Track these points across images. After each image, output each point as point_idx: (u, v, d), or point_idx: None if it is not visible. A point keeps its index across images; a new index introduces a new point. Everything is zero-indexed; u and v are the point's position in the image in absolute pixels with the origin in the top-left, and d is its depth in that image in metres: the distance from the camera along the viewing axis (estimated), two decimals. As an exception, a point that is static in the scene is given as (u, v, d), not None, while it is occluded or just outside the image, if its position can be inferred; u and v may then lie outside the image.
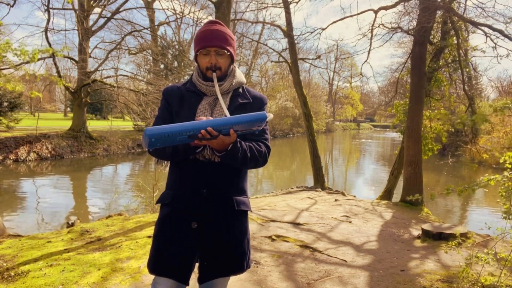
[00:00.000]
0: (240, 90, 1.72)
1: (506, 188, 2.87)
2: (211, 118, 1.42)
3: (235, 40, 1.73)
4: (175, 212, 1.62)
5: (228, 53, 1.65)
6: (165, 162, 1.79)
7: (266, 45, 23.06)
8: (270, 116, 1.49)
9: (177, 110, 1.66)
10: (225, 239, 1.63)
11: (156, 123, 1.63)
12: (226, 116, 1.52)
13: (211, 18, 22.02)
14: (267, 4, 11.56)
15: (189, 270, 1.61)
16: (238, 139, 1.49)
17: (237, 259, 1.67)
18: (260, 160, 1.61)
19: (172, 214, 1.63)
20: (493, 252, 3.03)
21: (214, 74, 1.61)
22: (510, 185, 2.90)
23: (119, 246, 3.99)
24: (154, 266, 1.62)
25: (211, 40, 1.61)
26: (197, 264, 1.68)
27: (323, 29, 10.56)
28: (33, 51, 5.10)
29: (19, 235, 4.76)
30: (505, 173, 2.94)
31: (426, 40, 8.33)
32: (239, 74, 1.74)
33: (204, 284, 1.68)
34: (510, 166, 2.93)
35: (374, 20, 9.63)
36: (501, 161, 3.00)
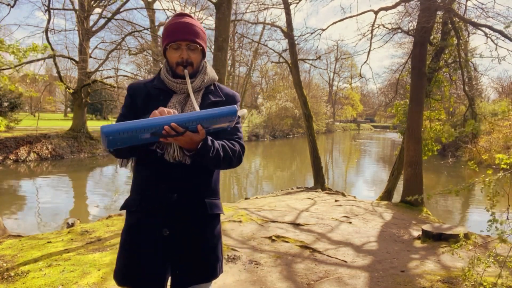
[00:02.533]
0: (212, 87, 1.61)
1: (493, 192, 2.86)
2: (172, 113, 1.30)
3: (206, 34, 1.62)
4: (144, 219, 1.49)
5: (201, 47, 1.55)
6: (130, 162, 1.65)
7: (266, 45, 23.09)
8: (243, 111, 1.40)
9: (142, 109, 1.51)
10: (199, 245, 1.53)
11: (119, 121, 1.48)
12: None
13: (211, 18, 22.06)
14: (268, 5, 11.57)
15: (163, 279, 1.50)
16: (209, 137, 1.37)
17: (211, 265, 1.56)
18: (234, 159, 1.50)
19: (141, 221, 1.50)
20: (494, 254, 3.02)
21: (186, 71, 1.50)
22: (507, 183, 2.90)
23: (119, 247, 3.98)
24: (124, 277, 1.50)
25: (182, 33, 1.50)
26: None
27: (323, 30, 10.57)
28: (26, 48, 5.08)
29: (19, 235, 4.76)
30: (499, 175, 2.95)
31: (426, 40, 8.33)
32: (211, 71, 1.63)
33: None
34: (505, 166, 2.94)
35: (374, 21, 9.64)
36: (496, 162, 3.01)
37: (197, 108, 1.44)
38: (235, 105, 1.34)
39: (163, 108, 1.33)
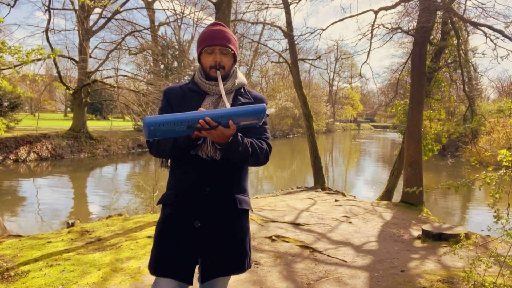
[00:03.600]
0: (242, 90, 1.74)
1: (496, 189, 2.86)
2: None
3: (236, 42, 1.74)
4: (178, 211, 1.61)
5: (232, 52, 1.67)
6: (169, 162, 1.79)
7: (266, 45, 23.14)
8: (271, 110, 1.49)
9: (178, 109, 1.59)
10: (228, 238, 1.62)
11: None
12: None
13: (211, 18, 22.05)
14: (268, 4, 11.57)
15: (193, 269, 1.60)
16: (239, 133, 1.48)
17: (239, 258, 1.66)
18: (261, 157, 1.60)
19: (175, 213, 1.61)
20: (495, 254, 3.02)
21: (218, 72, 1.62)
22: (508, 180, 2.90)
23: (119, 246, 3.99)
24: (157, 267, 1.60)
25: (216, 39, 1.63)
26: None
27: (323, 30, 10.56)
28: (28, 51, 5.08)
29: (19, 235, 4.77)
30: (500, 172, 2.94)
31: (426, 40, 8.33)
32: (241, 75, 1.75)
33: (205, 283, 1.67)
34: (507, 164, 2.93)
35: (374, 21, 9.63)
36: (498, 159, 3.00)
37: (228, 106, 1.53)
38: (264, 104, 1.43)
39: (201, 108, 1.46)
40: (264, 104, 1.42)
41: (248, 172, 1.79)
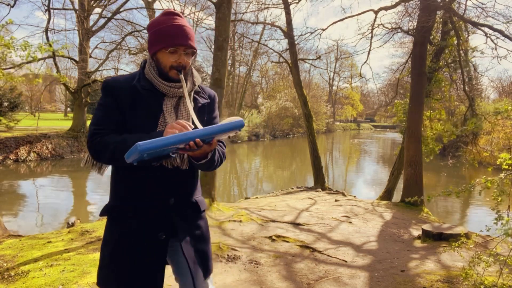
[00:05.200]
0: (198, 88, 1.62)
1: (498, 191, 2.86)
2: (189, 127, 1.34)
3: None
4: (138, 225, 1.45)
5: (196, 52, 1.54)
6: (100, 166, 1.66)
7: (266, 45, 23.12)
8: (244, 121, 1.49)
9: (131, 111, 1.46)
10: (195, 243, 1.57)
11: (105, 125, 1.45)
12: (192, 119, 1.44)
13: (211, 18, 22.04)
14: (268, 4, 11.57)
15: (161, 284, 1.50)
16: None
17: (208, 260, 1.63)
18: (223, 161, 1.58)
19: (135, 228, 1.46)
20: (495, 254, 3.02)
21: (181, 76, 1.46)
22: (508, 184, 2.90)
23: (119, 246, 3.98)
24: (121, 286, 1.46)
25: (181, 37, 1.45)
26: (169, 276, 1.62)
27: (323, 30, 10.56)
28: (39, 44, 5.13)
29: (19, 235, 4.77)
30: (501, 175, 2.94)
31: (426, 40, 8.33)
32: (196, 72, 1.62)
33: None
34: (507, 167, 2.93)
35: (374, 21, 9.63)
36: (498, 162, 3.01)
37: (192, 112, 1.44)
38: (242, 119, 1.36)
39: (180, 121, 1.34)
40: (242, 120, 1.35)
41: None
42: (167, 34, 1.45)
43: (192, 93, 1.57)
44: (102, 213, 1.56)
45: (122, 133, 1.44)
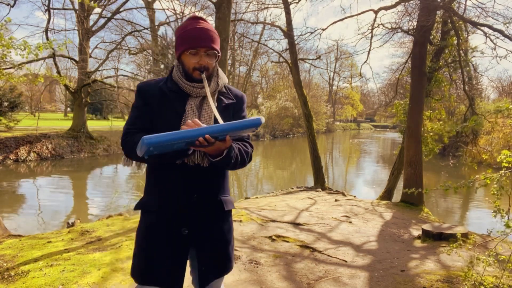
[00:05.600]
0: (224, 89, 1.68)
1: (498, 187, 2.87)
2: (202, 124, 1.38)
3: (219, 39, 1.66)
4: (163, 219, 1.55)
5: (218, 53, 1.61)
6: (139, 163, 1.75)
7: (266, 45, 23.14)
8: (263, 119, 1.48)
9: (158, 111, 1.57)
10: (219, 240, 1.63)
11: (134, 124, 1.57)
12: (216, 118, 1.48)
13: (211, 18, 22.04)
14: (268, 4, 11.57)
15: (182, 277, 1.58)
16: (232, 144, 1.47)
17: (229, 257, 1.68)
18: (247, 160, 1.61)
19: (160, 221, 1.56)
20: (494, 254, 3.02)
21: (203, 76, 1.53)
22: (507, 183, 2.91)
23: (119, 246, 3.99)
24: (145, 276, 1.56)
25: (201, 40, 1.53)
26: (188, 270, 1.67)
27: (323, 30, 10.56)
28: (37, 44, 5.13)
29: (19, 235, 4.77)
30: (501, 172, 2.95)
31: (426, 40, 8.33)
32: (222, 74, 1.69)
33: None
34: (507, 165, 2.94)
35: (374, 20, 9.62)
36: (498, 160, 3.01)
37: (216, 112, 1.49)
38: (260, 117, 1.39)
39: (196, 120, 1.40)
40: (261, 118, 1.38)
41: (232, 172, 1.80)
42: (189, 37, 1.54)
43: (216, 93, 1.63)
44: (135, 207, 1.67)
45: (150, 133, 1.50)
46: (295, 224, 5.43)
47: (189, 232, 1.55)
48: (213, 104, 1.50)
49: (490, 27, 7.74)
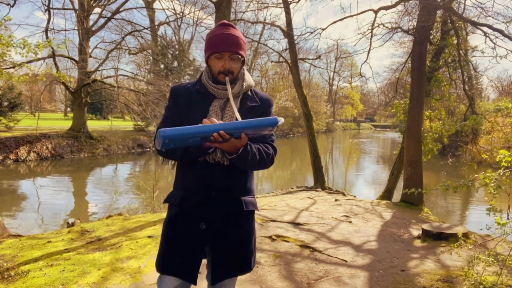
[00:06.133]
0: (249, 93, 1.75)
1: (495, 186, 2.87)
2: (221, 122, 1.43)
3: (246, 45, 1.74)
4: (184, 212, 1.65)
5: (242, 58, 1.68)
6: (172, 161, 1.81)
7: (266, 45, 23.06)
8: (281, 120, 1.51)
9: (186, 111, 1.67)
10: (235, 239, 1.67)
11: (165, 123, 1.65)
12: (237, 119, 1.55)
13: (211, 18, 22.04)
14: (267, 4, 11.56)
15: (197, 270, 1.64)
16: (248, 142, 1.51)
17: (246, 259, 1.72)
18: (268, 162, 1.64)
19: (181, 214, 1.65)
20: (494, 253, 3.03)
21: (227, 78, 1.63)
22: (506, 182, 2.91)
23: (119, 246, 3.99)
24: (163, 265, 1.65)
25: (226, 45, 1.62)
26: (204, 264, 1.72)
27: (323, 29, 10.55)
28: (37, 42, 5.14)
29: (19, 235, 4.77)
30: (499, 171, 2.95)
31: (426, 40, 8.33)
32: (248, 77, 1.76)
33: (215, 284, 1.72)
34: (506, 164, 2.94)
35: (374, 20, 9.62)
36: (497, 159, 3.01)
37: (237, 113, 1.58)
38: (276, 117, 1.43)
39: (213, 118, 1.46)
40: (277, 118, 1.43)
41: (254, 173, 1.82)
42: (215, 41, 1.64)
43: (240, 95, 1.71)
44: (164, 201, 1.76)
45: None
46: (295, 224, 5.43)
47: (207, 228, 1.61)
48: (234, 106, 1.60)
49: (490, 26, 7.74)
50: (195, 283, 1.64)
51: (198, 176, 1.63)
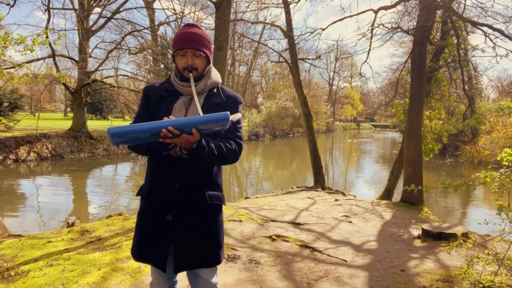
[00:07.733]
0: (215, 90, 1.79)
1: (499, 185, 2.87)
2: (173, 118, 1.50)
3: (212, 42, 1.81)
4: (152, 204, 1.73)
5: (204, 54, 1.73)
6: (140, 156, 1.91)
7: (266, 45, 23.14)
8: (237, 115, 1.55)
9: (154, 109, 1.75)
10: (199, 232, 1.71)
11: (135, 121, 1.74)
12: (200, 115, 1.57)
13: (211, 18, 22.05)
14: (267, 4, 11.56)
15: (165, 257, 1.70)
16: (205, 138, 1.55)
17: (211, 251, 1.74)
18: (229, 158, 1.68)
19: (149, 206, 1.73)
20: (494, 253, 3.03)
21: (190, 74, 1.70)
22: (507, 181, 2.90)
23: (119, 246, 3.99)
24: (136, 253, 1.76)
25: (188, 42, 1.70)
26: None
27: (323, 29, 10.55)
28: (31, 35, 5.12)
29: (19, 235, 4.77)
30: (501, 170, 2.95)
31: (426, 39, 8.33)
32: (215, 75, 1.81)
33: (190, 274, 1.82)
34: (507, 163, 2.93)
35: (374, 20, 9.62)
36: (498, 158, 3.00)
37: (199, 109, 1.63)
38: (227, 112, 1.47)
39: (172, 116, 1.55)
40: (228, 113, 1.46)
41: (223, 168, 1.88)
42: (179, 40, 1.72)
43: (205, 92, 1.77)
44: (137, 194, 1.85)
45: None
46: (295, 224, 5.43)
47: (173, 219, 1.67)
48: (197, 102, 1.66)
49: (489, 26, 7.74)
50: (164, 270, 1.71)
51: (163, 170, 1.70)
